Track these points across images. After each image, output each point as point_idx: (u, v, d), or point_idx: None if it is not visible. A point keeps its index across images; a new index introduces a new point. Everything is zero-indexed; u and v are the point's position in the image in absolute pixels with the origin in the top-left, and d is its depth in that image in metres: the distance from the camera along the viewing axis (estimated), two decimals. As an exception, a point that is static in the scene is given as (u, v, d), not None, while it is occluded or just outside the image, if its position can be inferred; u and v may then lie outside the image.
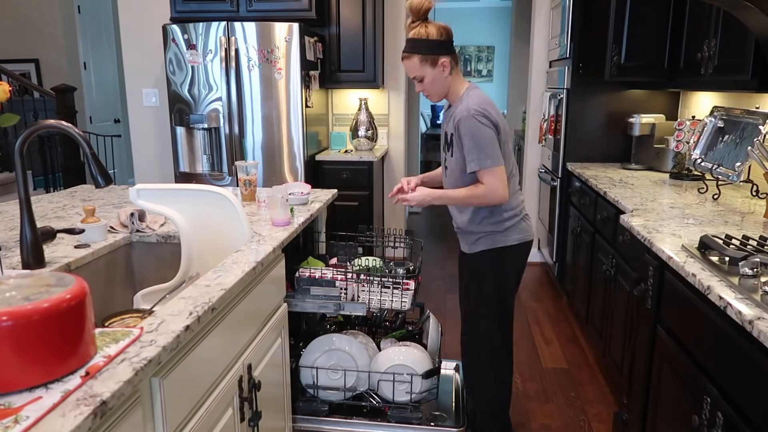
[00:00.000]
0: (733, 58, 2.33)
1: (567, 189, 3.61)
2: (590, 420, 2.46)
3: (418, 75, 1.90)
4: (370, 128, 4.18)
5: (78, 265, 1.58)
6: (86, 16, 6.31)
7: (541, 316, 3.55)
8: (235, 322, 1.44)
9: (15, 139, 1.39)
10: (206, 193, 1.73)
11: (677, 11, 3.04)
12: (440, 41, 1.86)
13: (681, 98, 3.53)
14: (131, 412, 0.95)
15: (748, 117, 2.45)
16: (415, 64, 1.88)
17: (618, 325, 2.49)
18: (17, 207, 2.08)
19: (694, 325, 1.53)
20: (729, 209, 2.22)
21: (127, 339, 1.03)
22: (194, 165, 3.76)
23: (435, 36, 1.85)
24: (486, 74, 9.97)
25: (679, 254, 1.63)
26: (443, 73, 1.89)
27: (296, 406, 2.12)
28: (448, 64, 1.88)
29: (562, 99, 3.61)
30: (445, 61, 1.87)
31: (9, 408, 0.81)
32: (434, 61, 1.87)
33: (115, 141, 6.33)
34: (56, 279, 0.97)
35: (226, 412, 1.38)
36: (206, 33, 3.52)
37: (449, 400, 2.34)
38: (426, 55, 1.86)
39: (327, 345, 2.15)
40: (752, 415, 1.21)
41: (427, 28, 1.85)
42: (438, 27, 1.87)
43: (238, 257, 1.58)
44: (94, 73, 6.49)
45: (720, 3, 2.19)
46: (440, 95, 1.95)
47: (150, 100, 4.36)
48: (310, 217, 2.16)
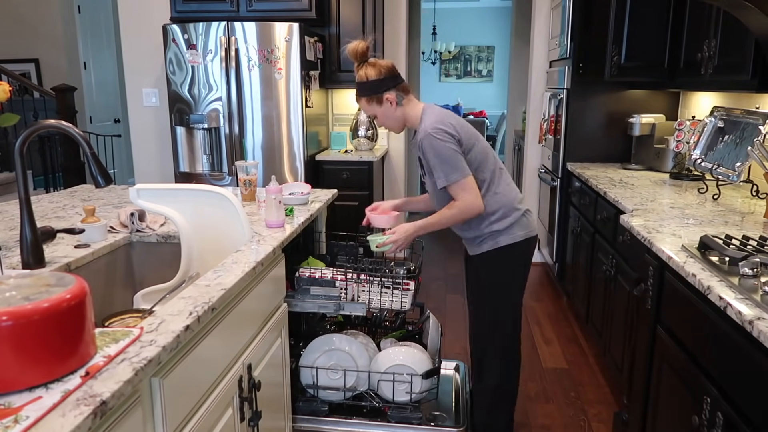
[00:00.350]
0: (733, 58, 2.33)
1: (567, 189, 3.61)
2: (590, 420, 2.46)
3: (371, 114, 2.00)
4: (370, 128, 4.18)
5: (78, 265, 1.58)
6: (86, 16, 6.31)
7: (541, 316, 3.55)
8: (235, 322, 1.44)
9: (15, 139, 1.39)
10: (206, 193, 1.73)
11: (677, 11, 3.05)
12: (380, 80, 1.93)
13: (681, 98, 3.53)
14: (131, 412, 0.95)
15: (748, 117, 2.45)
16: (364, 104, 1.99)
17: (618, 325, 2.49)
18: (17, 207, 2.08)
19: (694, 325, 1.53)
20: (729, 209, 2.22)
21: (127, 339, 1.03)
22: (194, 165, 3.76)
23: (374, 76, 1.93)
24: (486, 74, 9.96)
25: (679, 254, 1.63)
26: (391, 108, 1.96)
27: (296, 406, 2.12)
28: (393, 99, 1.95)
29: (562, 99, 3.61)
30: (389, 97, 1.94)
31: (9, 408, 0.81)
32: (379, 99, 1.95)
33: (115, 141, 6.34)
34: (56, 279, 0.97)
35: (226, 412, 1.38)
36: (206, 33, 3.52)
37: (449, 400, 2.34)
38: (370, 96, 1.95)
39: (327, 345, 2.15)
40: (752, 415, 1.21)
41: (366, 70, 1.94)
42: (377, 66, 1.94)
43: (238, 257, 1.58)
44: (94, 73, 6.49)
45: (720, 3, 2.19)
46: (399, 127, 2.02)
47: (150, 100, 4.36)
48: (310, 217, 2.16)
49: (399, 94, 1.96)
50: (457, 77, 10.09)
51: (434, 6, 9.27)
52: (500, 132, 8.75)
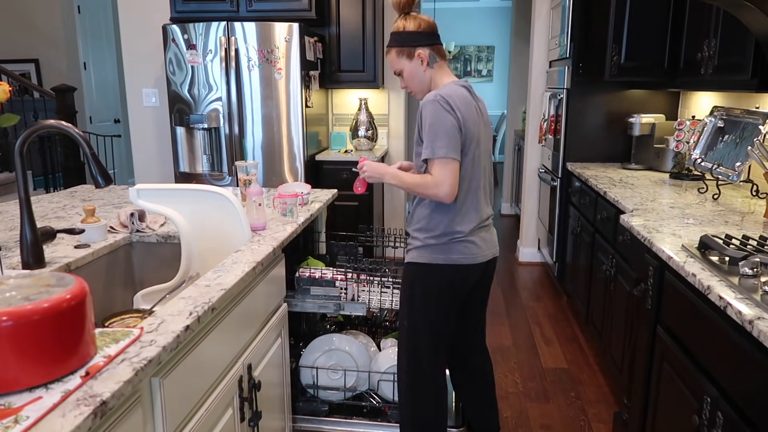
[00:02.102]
0: (733, 58, 2.33)
1: (567, 189, 3.61)
2: (590, 420, 2.46)
3: (397, 69, 1.84)
4: (370, 128, 4.18)
5: (78, 265, 1.58)
6: (86, 16, 6.31)
7: (541, 316, 3.55)
8: (235, 322, 1.44)
9: (15, 139, 1.39)
10: (206, 193, 1.73)
11: (677, 11, 3.05)
12: (417, 32, 1.78)
13: (681, 98, 3.53)
14: (131, 412, 0.95)
15: (748, 117, 2.45)
16: (393, 57, 1.83)
17: (618, 325, 2.49)
18: (17, 207, 2.08)
19: (694, 325, 1.53)
20: (729, 209, 2.22)
21: (127, 339, 1.03)
22: (194, 165, 3.76)
23: (412, 28, 1.78)
24: (486, 74, 9.97)
25: (679, 254, 1.63)
26: (421, 66, 1.81)
27: (296, 406, 2.12)
28: (425, 56, 1.79)
29: (562, 99, 3.61)
30: (422, 53, 1.79)
31: (9, 408, 0.81)
32: (410, 54, 1.80)
33: (115, 141, 6.34)
34: (56, 279, 0.97)
35: (226, 412, 1.38)
36: (206, 33, 3.52)
37: (449, 400, 2.34)
38: (402, 47, 1.80)
39: (327, 345, 2.15)
40: (752, 415, 1.21)
41: (405, 21, 1.80)
42: (417, 19, 1.80)
43: (238, 257, 1.58)
44: (94, 73, 6.49)
45: (720, 3, 2.19)
46: (422, 91, 1.85)
47: (150, 100, 4.36)
48: (310, 217, 2.16)
49: (432, 54, 1.80)
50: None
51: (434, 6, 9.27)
52: (500, 132, 8.75)
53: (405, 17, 1.81)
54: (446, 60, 1.86)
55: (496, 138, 8.80)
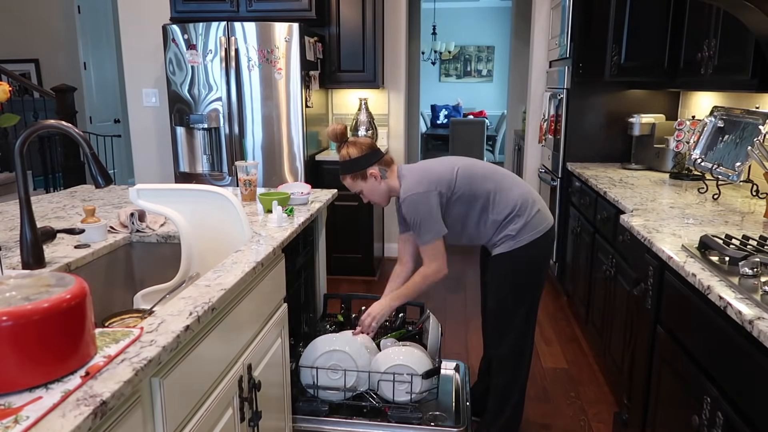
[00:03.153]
0: (733, 58, 2.33)
1: (567, 189, 3.61)
2: (590, 420, 2.46)
3: (356, 190, 2.07)
4: (370, 128, 4.18)
5: (78, 265, 1.58)
6: (86, 16, 6.31)
7: (541, 316, 3.55)
8: (235, 322, 1.44)
9: (15, 139, 1.39)
10: (206, 193, 1.73)
11: (677, 11, 3.05)
12: (362, 157, 2.00)
13: (681, 98, 3.53)
14: (131, 412, 0.95)
15: (748, 117, 2.45)
16: (349, 182, 2.05)
17: (618, 325, 2.49)
18: (17, 207, 2.08)
19: (694, 325, 1.53)
20: (729, 209, 2.22)
21: (127, 339, 1.03)
22: (194, 165, 3.76)
23: (357, 154, 2.00)
24: (486, 74, 9.97)
25: (679, 254, 1.63)
26: (376, 182, 2.03)
27: (296, 406, 2.12)
28: (377, 173, 2.02)
29: (562, 99, 3.61)
30: (373, 172, 2.01)
31: (9, 408, 0.81)
32: (363, 176, 2.02)
33: (115, 141, 6.34)
34: (56, 279, 0.97)
35: (226, 412, 1.38)
36: (206, 33, 3.52)
37: (449, 400, 2.34)
38: (355, 173, 2.02)
39: (327, 345, 2.15)
40: (752, 415, 1.21)
41: (347, 149, 2.02)
42: (357, 144, 2.02)
43: (238, 257, 1.58)
44: (94, 73, 6.49)
45: (720, 3, 2.19)
46: (385, 199, 2.09)
47: (150, 100, 4.36)
48: (310, 217, 2.16)
49: (382, 168, 2.03)
50: (457, 77, 10.10)
51: (434, 6, 9.27)
52: (500, 132, 8.75)
53: (346, 146, 2.03)
54: (392, 163, 2.08)
55: (495, 138, 8.80)
